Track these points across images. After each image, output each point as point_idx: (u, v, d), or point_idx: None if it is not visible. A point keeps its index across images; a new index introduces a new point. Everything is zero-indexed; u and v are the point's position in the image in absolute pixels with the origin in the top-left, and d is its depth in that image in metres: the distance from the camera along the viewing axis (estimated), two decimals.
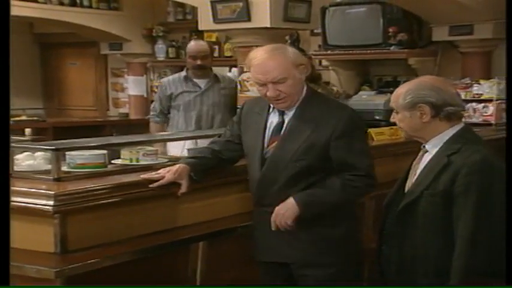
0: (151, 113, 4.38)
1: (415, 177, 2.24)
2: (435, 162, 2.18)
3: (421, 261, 2.17)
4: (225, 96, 4.22)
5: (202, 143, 3.43)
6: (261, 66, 2.36)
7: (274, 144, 2.43)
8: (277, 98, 2.38)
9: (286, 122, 2.44)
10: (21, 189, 2.28)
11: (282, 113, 2.46)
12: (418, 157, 2.29)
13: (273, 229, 2.40)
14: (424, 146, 2.26)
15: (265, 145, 2.45)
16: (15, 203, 2.17)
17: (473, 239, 2.04)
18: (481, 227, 2.04)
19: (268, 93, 2.37)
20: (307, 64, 2.50)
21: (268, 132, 2.46)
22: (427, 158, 2.23)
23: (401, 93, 2.22)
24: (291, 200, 2.37)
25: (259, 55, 2.39)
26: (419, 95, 2.17)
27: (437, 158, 2.18)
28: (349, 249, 2.48)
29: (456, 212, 2.08)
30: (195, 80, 4.18)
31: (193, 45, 4.24)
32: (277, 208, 2.38)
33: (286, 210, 2.37)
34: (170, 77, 4.39)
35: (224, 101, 4.21)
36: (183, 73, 4.24)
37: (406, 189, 2.26)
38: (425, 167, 2.22)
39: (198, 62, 4.12)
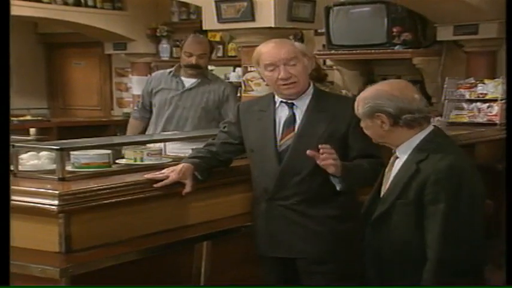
0: (134, 108, 3.98)
1: (388, 184, 2.22)
2: (405, 169, 2.14)
3: (399, 271, 2.14)
4: (208, 102, 3.67)
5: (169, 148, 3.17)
6: (271, 51, 2.47)
7: (290, 136, 2.47)
8: (288, 81, 2.43)
9: (299, 114, 2.49)
10: (26, 188, 2.29)
11: (291, 107, 2.49)
12: (390, 163, 2.26)
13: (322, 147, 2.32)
14: (394, 152, 2.23)
15: (278, 139, 2.48)
16: (19, 203, 2.17)
17: (442, 246, 2.02)
18: (449, 235, 2.02)
19: (280, 75, 2.43)
20: (312, 58, 2.58)
21: (279, 127, 2.50)
22: (398, 164, 2.20)
23: (360, 101, 2.21)
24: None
25: (266, 45, 2.51)
26: (375, 104, 2.15)
27: (406, 165, 2.15)
28: (355, 246, 2.49)
29: (426, 221, 2.06)
30: (182, 77, 3.70)
31: (191, 41, 3.72)
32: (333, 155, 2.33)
33: (336, 161, 2.33)
34: (160, 71, 3.92)
35: (205, 106, 3.66)
36: (173, 68, 3.77)
37: (381, 196, 2.24)
38: (396, 175, 2.19)
39: (193, 61, 3.63)
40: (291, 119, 2.49)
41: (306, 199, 2.45)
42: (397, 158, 2.22)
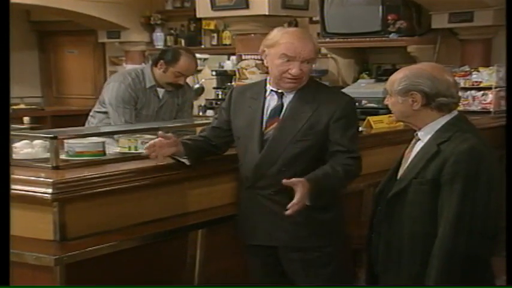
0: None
1: (406, 165, 2.24)
2: (425, 151, 2.17)
3: (408, 250, 2.16)
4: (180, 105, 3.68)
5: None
6: (296, 43, 2.39)
7: (274, 126, 2.46)
8: (297, 77, 2.41)
9: (286, 104, 2.48)
10: (20, 177, 2.28)
11: (280, 96, 2.49)
12: (410, 145, 2.28)
13: (288, 213, 2.30)
14: (416, 134, 2.26)
15: (264, 127, 2.47)
16: (14, 191, 2.16)
17: (455, 226, 2.03)
18: (464, 215, 2.04)
19: (292, 71, 2.39)
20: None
21: (266, 115, 2.49)
22: (418, 146, 2.23)
23: (397, 78, 2.22)
24: (304, 190, 2.30)
25: (290, 35, 2.42)
26: (413, 83, 2.17)
27: (428, 146, 2.18)
28: (336, 234, 2.53)
29: (441, 200, 2.08)
30: (157, 88, 3.55)
31: (187, 63, 3.48)
32: (298, 198, 2.29)
33: (302, 200, 2.30)
34: (134, 81, 3.51)
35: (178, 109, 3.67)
36: (148, 82, 3.51)
37: (398, 177, 2.26)
38: (416, 155, 2.21)
39: (182, 81, 3.53)
40: (278, 108, 2.48)
41: (283, 189, 2.40)
42: (418, 140, 2.24)
